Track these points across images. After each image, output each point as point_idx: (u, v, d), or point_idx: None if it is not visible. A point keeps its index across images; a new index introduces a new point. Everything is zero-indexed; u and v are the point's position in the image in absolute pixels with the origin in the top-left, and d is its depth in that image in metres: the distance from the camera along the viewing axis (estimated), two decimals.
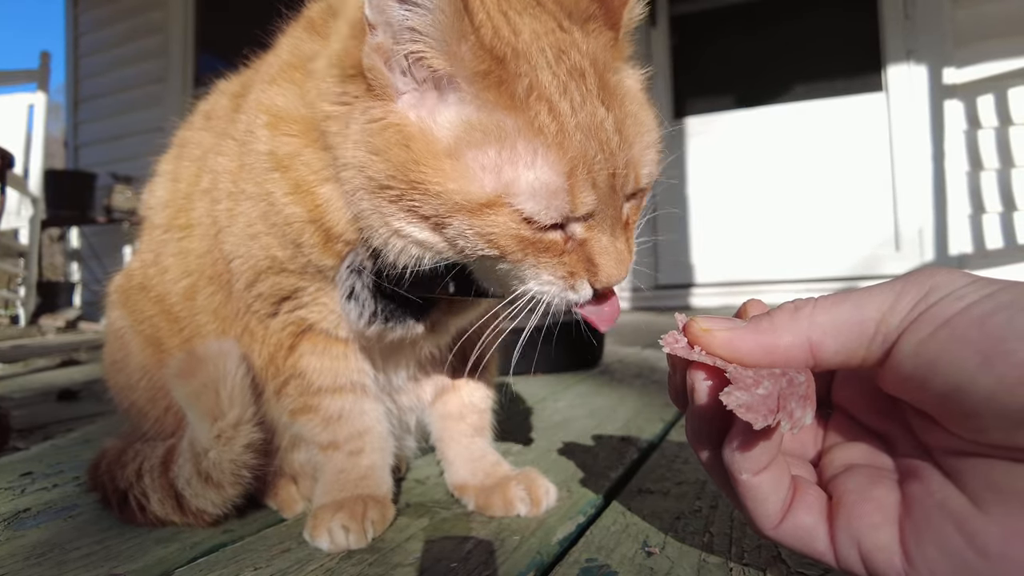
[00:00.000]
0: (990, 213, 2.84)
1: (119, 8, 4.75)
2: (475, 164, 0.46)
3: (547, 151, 0.45)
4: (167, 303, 0.72)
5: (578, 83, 0.47)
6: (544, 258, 0.49)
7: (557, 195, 0.46)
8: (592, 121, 0.46)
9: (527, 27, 0.48)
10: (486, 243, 0.47)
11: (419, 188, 0.46)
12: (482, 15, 0.47)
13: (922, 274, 0.38)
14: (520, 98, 0.46)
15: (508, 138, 0.45)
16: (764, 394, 0.38)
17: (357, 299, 0.61)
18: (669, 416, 1.03)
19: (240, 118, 0.63)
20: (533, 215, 0.46)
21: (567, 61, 0.47)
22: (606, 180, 0.47)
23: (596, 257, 0.49)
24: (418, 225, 0.49)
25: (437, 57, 0.46)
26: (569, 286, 0.50)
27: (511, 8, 0.49)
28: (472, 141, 0.46)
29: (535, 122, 0.45)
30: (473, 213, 0.46)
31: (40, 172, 3.70)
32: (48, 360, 2.31)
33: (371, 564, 0.55)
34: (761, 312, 0.44)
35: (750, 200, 3.40)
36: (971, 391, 0.33)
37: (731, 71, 3.62)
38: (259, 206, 0.58)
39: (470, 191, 0.46)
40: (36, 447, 1.05)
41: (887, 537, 0.38)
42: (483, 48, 0.45)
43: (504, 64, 0.46)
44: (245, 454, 0.61)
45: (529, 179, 0.45)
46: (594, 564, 0.52)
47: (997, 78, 2.81)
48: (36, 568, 0.57)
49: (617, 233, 0.50)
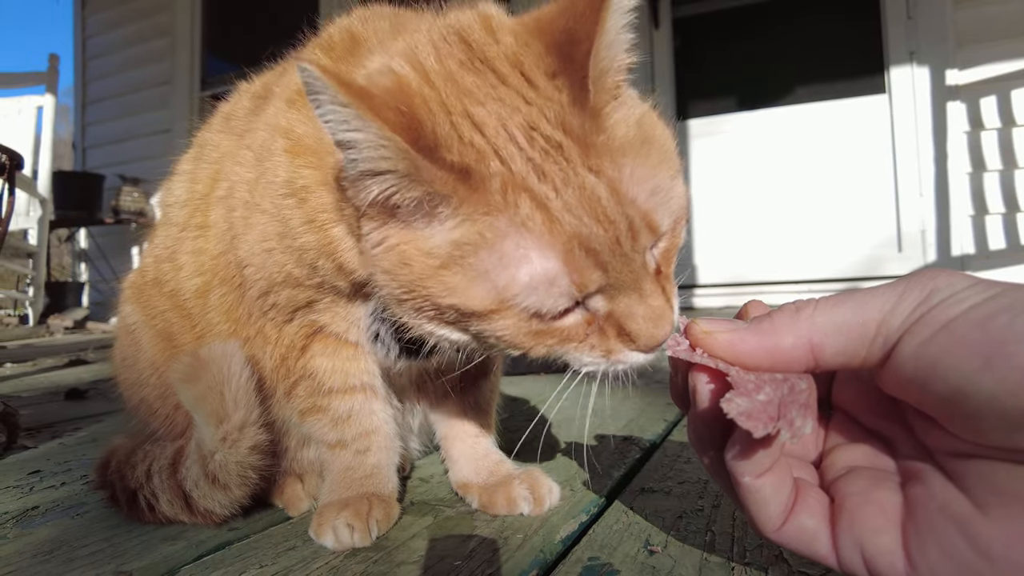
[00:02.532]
0: (992, 214, 2.83)
1: (127, 11, 4.78)
2: (470, 274, 0.45)
3: (535, 243, 0.43)
4: (180, 299, 0.73)
5: (556, 158, 0.44)
6: (571, 344, 0.48)
7: (557, 282, 0.44)
8: (580, 195, 0.44)
9: (491, 116, 0.45)
10: (505, 344, 0.47)
11: (431, 301, 0.47)
12: (444, 126, 0.44)
13: (923, 276, 0.38)
14: (496, 200, 0.44)
15: (494, 242, 0.44)
16: (765, 400, 0.38)
17: (383, 342, 0.64)
18: (671, 416, 1.03)
19: (258, 129, 0.63)
20: (539, 309, 0.45)
21: (540, 139, 0.44)
22: (610, 248, 0.44)
23: (628, 325, 0.47)
24: (446, 328, 0.49)
25: (403, 189, 0.45)
26: (614, 361, 0.49)
27: (472, 101, 0.45)
28: (462, 253, 0.45)
29: (516, 218, 0.43)
30: (483, 319, 0.46)
31: (48, 173, 3.73)
32: (56, 359, 2.33)
33: (375, 562, 0.55)
34: (762, 313, 0.45)
35: (753, 201, 3.39)
36: (972, 393, 0.33)
37: (734, 73, 3.62)
38: (276, 225, 0.58)
39: (472, 303, 0.45)
40: (44, 446, 1.06)
41: (890, 541, 0.38)
42: (444, 167, 0.43)
43: (470, 173, 0.44)
44: (251, 456, 0.61)
45: (523, 277, 0.44)
46: (596, 563, 0.53)
47: (1000, 79, 2.80)
48: (44, 565, 0.58)
49: (647, 290, 0.47)
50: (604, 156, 0.45)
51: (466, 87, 0.46)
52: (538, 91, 0.46)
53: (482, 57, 0.47)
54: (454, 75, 0.47)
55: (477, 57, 0.47)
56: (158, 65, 4.64)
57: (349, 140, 0.44)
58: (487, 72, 0.47)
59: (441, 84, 0.46)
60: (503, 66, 0.47)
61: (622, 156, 0.45)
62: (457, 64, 0.47)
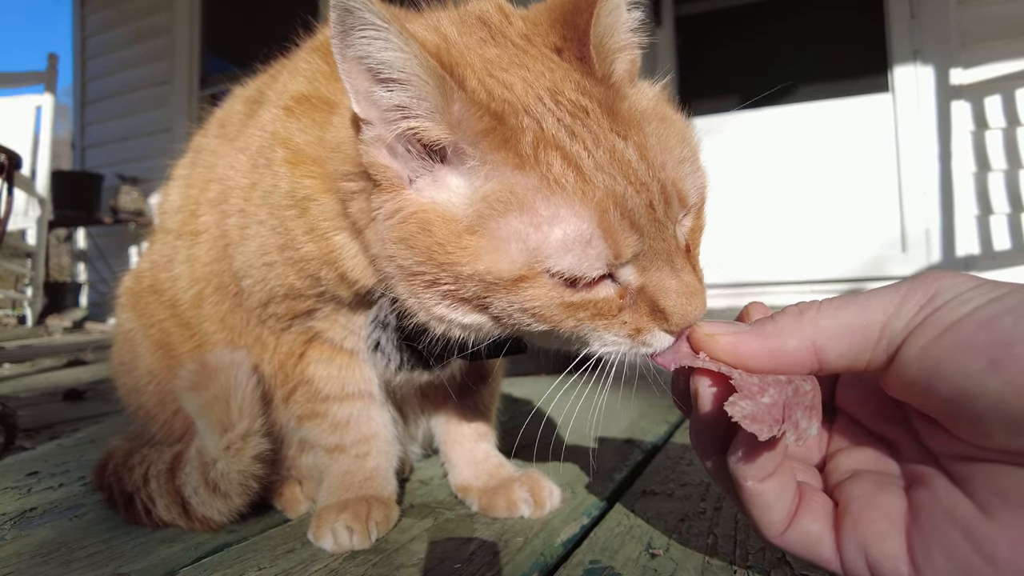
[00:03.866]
0: (997, 214, 2.82)
1: (126, 10, 4.78)
2: (499, 236, 0.42)
3: (570, 201, 0.42)
4: (179, 309, 0.72)
5: (584, 121, 0.44)
6: (602, 321, 0.45)
7: (592, 244, 0.42)
8: (612, 156, 0.42)
9: (517, 79, 0.45)
10: (532, 318, 0.44)
11: (451, 271, 0.44)
12: (472, 80, 0.44)
13: (927, 277, 0.38)
14: (528, 154, 0.42)
15: (526, 200, 0.42)
16: (769, 403, 0.37)
17: (383, 352, 0.63)
18: (673, 418, 1.03)
19: (253, 135, 0.62)
20: (572, 272, 0.42)
21: (567, 102, 0.44)
22: (645, 212, 0.42)
23: (661, 301, 0.44)
24: (459, 309, 0.46)
25: (433, 127, 0.44)
26: (640, 342, 0.45)
27: (496, 67, 0.46)
28: (491, 212, 0.43)
29: (550, 175, 0.42)
30: (510, 289, 0.43)
31: (47, 173, 3.72)
32: (54, 360, 2.33)
33: (375, 565, 0.55)
34: (764, 315, 0.44)
35: (756, 201, 3.39)
36: (978, 395, 0.32)
37: (737, 71, 3.61)
38: (276, 238, 0.57)
39: (500, 267, 0.42)
40: (42, 447, 1.05)
41: (894, 545, 0.38)
42: (477, 105, 0.42)
43: (503, 120, 0.43)
44: (253, 465, 0.61)
45: (557, 237, 0.41)
46: (598, 566, 0.52)
47: (1004, 79, 2.80)
48: (42, 567, 0.57)
49: (679, 265, 0.45)
50: (629, 123, 0.45)
51: (489, 56, 0.47)
52: (555, 62, 0.47)
53: (502, 33, 0.49)
54: (476, 46, 0.47)
55: (498, 33, 0.49)
56: (157, 64, 4.64)
57: (385, 62, 0.42)
58: (508, 45, 0.48)
59: (466, 49, 0.47)
60: (521, 41, 0.48)
61: (646, 124, 0.46)
62: (478, 39, 0.48)
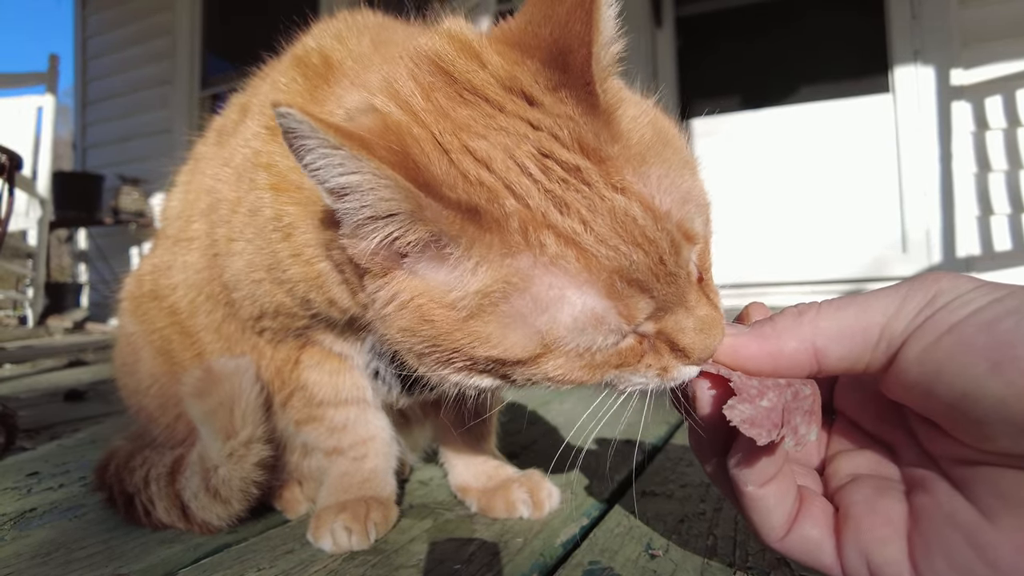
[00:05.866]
0: (998, 215, 2.82)
1: (127, 10, 4.78)
2: (505, 321, 0.41)
3: (574, 281, 0.39)
4: (179, 317, 0.72)
5: (577, 185, 0.40)
6: (627, 369, 0.44)
7: (606, 319, 0.40)
8: (613, 219, 0.39)
9: (496, 149, 0.40)
10: (557, 383, 0.43)
11: (463, 353, 0.42)
12: (443, 165, 0.40)
13: (927, 278, 0.37)
14: (517, 241, 0.39)
15: (524, 286, 0.40)
16: (768, 407, 0.37)
17: (383, 380, 0.64)
18: (673, 419, 1.03)
19: (236, 147, 0.61)
20: (588, 348, 0.41)
21: (555, 166, 0.40)
22: (655, 270, 0.40)
23: (680, 340, 0.42)
24: (479, 376, 0.45)
25: (409, 231, 0.41)
26: (667, 379, 0.44)
27: (471, 135, 0.41)
28: (491, 301, 0.40)
29: (546, 255, 0.39)
30: (528, 365, 0.42)
31: (48, 174, 3.72)
32: (55, 361, 2.33)
33: (374, 566, 0.55)
34: (764, 316, 0.44)
35: (756, 201, 3.38)
36: (979, 398, 0.32)
37: (737, 72, 3.61)
38: (263, 257, 0.56)
39: (513, 351, 0.41)
40: (43, 447, 1.05)
41: (896, 551, 0.38)
42: (450, 206, 0.39)
43: (481, 212, 0.39)
44: (255, 472, 0.62)
45: (567, 319, 0.40)
46: (597, 567, 0.52)
47: (1005, 79, 2.79)
48: (42, 567, 0.57)
49: (692, 302, 0.43)
50: (626, 169, 0.41)
51: (461, 121, 0.41)
52: (544, 110, 0.41)
53: (469, 87, 0.42)
54: (444, 110, 0.42)
55: (464, 88, 0.43)
56: (158, 65, 4.64)
57: (344, 185, 0.40)
58: (480, 102, 0.42)
59: (432, 121, 0.41)
60: (496, 93, 0.42)
61: (644, 164, 0.42)
62: (445, 97, 0.42)
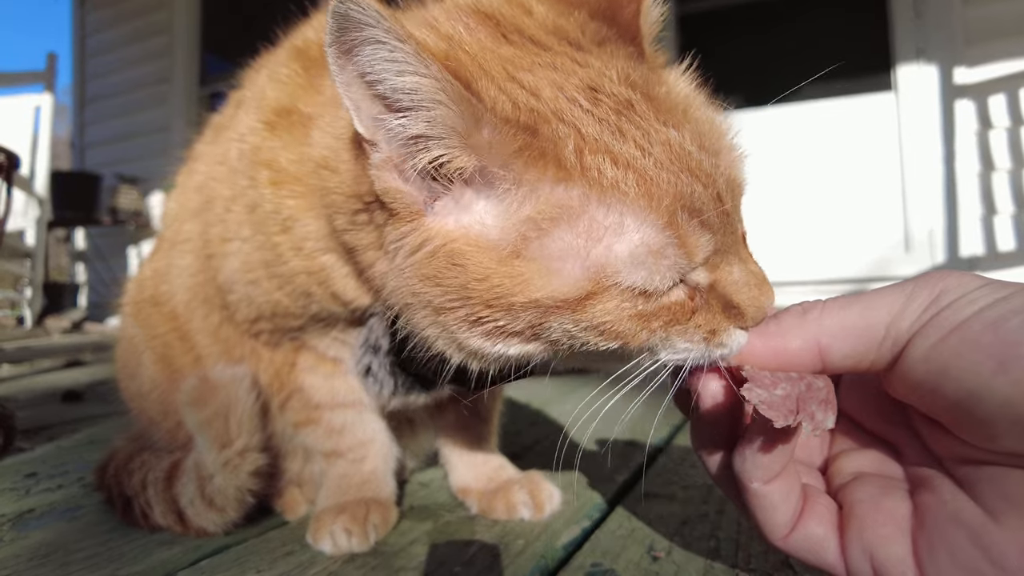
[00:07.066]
0: (1002, 214, 2.81)
1: (125, 9, 4.77)
2: (553, 256, 0.38)
3: (631, 208, 0.37)
4: (178, 322, 0.72)
5: (630, 115, 0.39)
6: (676, 328, 0.40)
7: (666, 254, 0.37)
8: (670, 150, 0.38)
9: (544, 82, 0.39)
10: (601, 336, 0.39)
11: (498, 305, 0.39)
12: (492, 90, 0.38)
13: (932, 277, 0.37)
14: (572, 162, 0.38)
15: (578, 212, 0.37)
16: (783, 395, 0.37)
17: (375, 377, 0.61)
18: (676, 420, 1.02)
19: (231, 143, 0.60)
20: (646, 286, 0.38)
21: (607, 98, 0.39)
22: (714, 207, 0.38)
23: (735, 296, 0.40)
24: (506, 342, 0.41)
25: (459, 156, 0.39)
26: (716, 344, 0.40)
27: (518, 69, 0.40)
28: (538, 232, 0.38)
29: (603, 181, 0.37)
30: (574, 309, 0.38)
31: (46, 173, 3.71)
32: (53, 361, 2.32)
33: (374, 568, 0.54)
34: (768, 315, 0.44)
35: (757, 201, 3.38)
36: (985, 397, 0.32)
37: (739, 70, 3.60)
38: (261, 254, 0.56)
39: (560, 289, 0.38)
40: (41, 448, 1.05)
41: (900, 550, 0.37)
42: (507, 124, 0.37)
43: (537, 133, 0.38)
44: (250, 480, 0.61)
45: (624, 250, 0.37)
46: (599, 569, 0.52)
47: (1009, 78, 2.79)
48: (40, 569, 0.57)
49: (744, 255, 0.41)
50: (677, 110, 0.40)
51: (506, 56, 0.40)
52: (588, 53, 0.41)
53: (516, 29, 0.42)
54: (488, 46, 0.41)
55: (508, 30, 0.42)
56: (157, 63, 4.63)
57: (400, 89, 0.37)
58: (525, 43, 0.41)
59: (477, 51, 0.40)
60: (543, 36, 0.42)
61: (694, 110, 0.41)
62: (488, 37, 0.42)
